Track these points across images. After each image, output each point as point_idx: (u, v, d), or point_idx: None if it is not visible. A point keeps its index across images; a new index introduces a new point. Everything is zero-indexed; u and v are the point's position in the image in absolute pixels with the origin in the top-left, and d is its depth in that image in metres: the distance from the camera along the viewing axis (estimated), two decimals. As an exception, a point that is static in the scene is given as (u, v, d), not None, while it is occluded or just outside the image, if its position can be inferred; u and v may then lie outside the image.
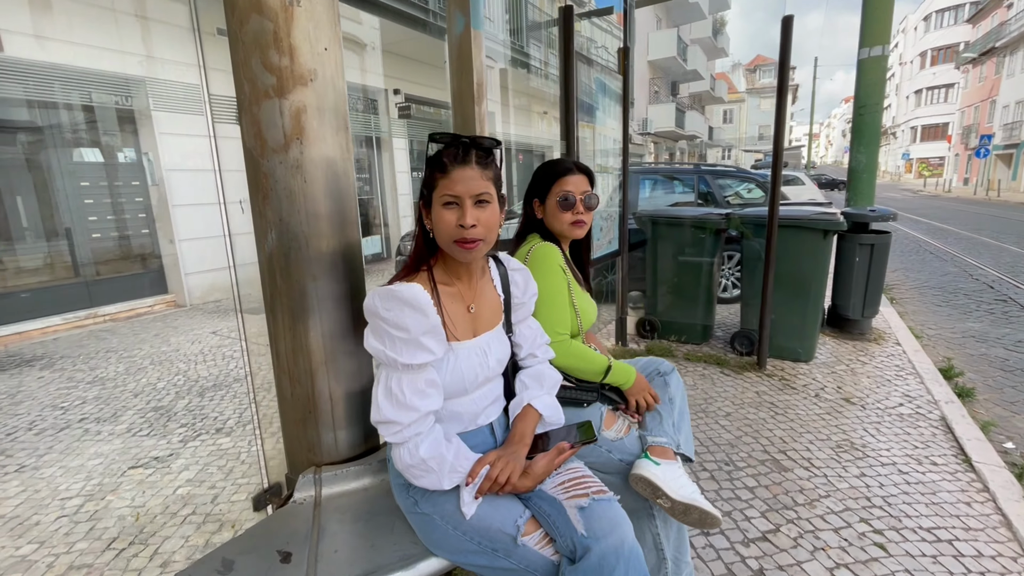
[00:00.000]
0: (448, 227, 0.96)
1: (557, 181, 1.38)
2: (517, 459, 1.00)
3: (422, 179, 1.00)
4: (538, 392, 1.15)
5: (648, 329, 3.90)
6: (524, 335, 1.18)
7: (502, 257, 1.17)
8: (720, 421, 2.58)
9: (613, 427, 1.37)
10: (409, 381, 0.94)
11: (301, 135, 1.06)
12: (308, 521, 1.12)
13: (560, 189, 1.37)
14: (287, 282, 1.13)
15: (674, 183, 6.03)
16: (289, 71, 1.03)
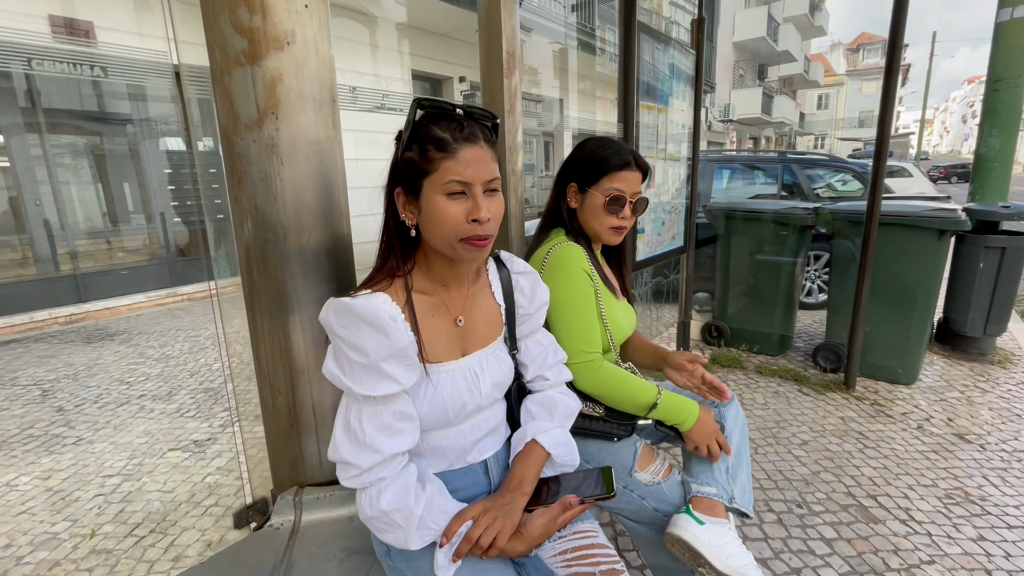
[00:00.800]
0: (454, 222, 0.75)
1: (609, 174, 1.13)
2: (509, 513, 0.80)
3: (399, 158, 0.79)
4: (546, 424, 0.93)
5: (715, 335, 3.52)
6: (531, 352, 0.96)
7: (504, 257, 0.96)
8: (794, 450, 2.21)
9: (649, 467, 1.12)
10: (371, 415, 0.75)
11: (276, 108, 0.91)
12: (279, 552, 0.98)
13: (611, 185, 1.13)
14: (264, 279, 0.98)
15: (755, 173, 5.46)
16: (262, 32, 0.88)
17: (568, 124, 10.59)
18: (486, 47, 1.39)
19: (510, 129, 1.41)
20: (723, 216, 3.44)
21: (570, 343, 1.06)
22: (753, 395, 2.79)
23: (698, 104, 3.08)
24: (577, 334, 1.07)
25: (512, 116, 1.41)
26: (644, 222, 2.65)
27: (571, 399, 0.99)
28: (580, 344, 1.06)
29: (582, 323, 1.07)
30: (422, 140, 0.76)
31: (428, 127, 0.77)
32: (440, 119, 0.77)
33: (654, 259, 2.81)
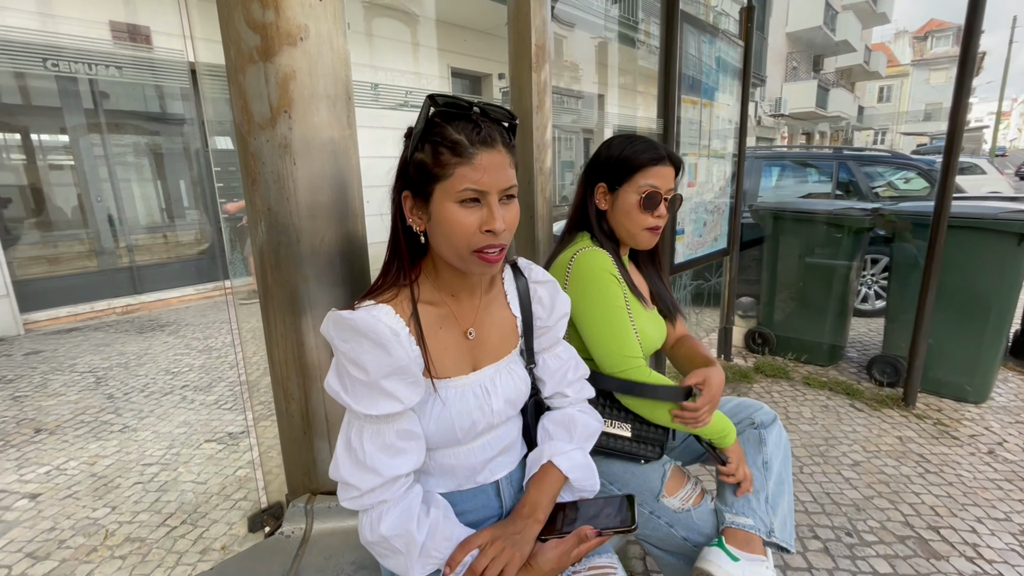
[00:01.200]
0: (467, 232, 0.69)
1: (643, 170, 1.05)
2: (519, 544, 0.73)
3: (408, 159, 0.74)
4: (565, 445, 0.86)
5: (759, 343, 3.33)
6: (550, 367, 0.89)
7: (522, 264, 0.89)
8: (844, 471, 2.05)
9: (679, 493, 1.04)
10: (373, 434, 0.70)
11: (289, 107, 0.88)
12: (287, 563, 0.96)
13: (646, 182, 1.05)
14: (278, 282, 0.96)
15: (807, 171, 5.15)
16: (275, 28, 0.85)
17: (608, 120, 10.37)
18: (515, 40, 1.32)
19: (538, 126, 1.34)
20: (771, 217, 3.25)
21: (609, 352, 0.98)
22: (800, 408, 2.61)
23: (745, 98, 2.91)
24: (616, 340, 0.99)
25: (541, 112, 1.34)
26: (684, 223, 2.52)
27: (592, 418, 0.92)
28: (621, 350, 0.98)
29: (619, 328, 0.99)
30: (435, 141, 0.69)
31: (442, 127, 0.70)
32: (455, 118, 0.70)
33: (694, 262, 2.67)
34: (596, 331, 1.00)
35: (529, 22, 1.28)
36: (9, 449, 2.27)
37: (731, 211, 2.96)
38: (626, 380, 1.01)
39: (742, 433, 1.11)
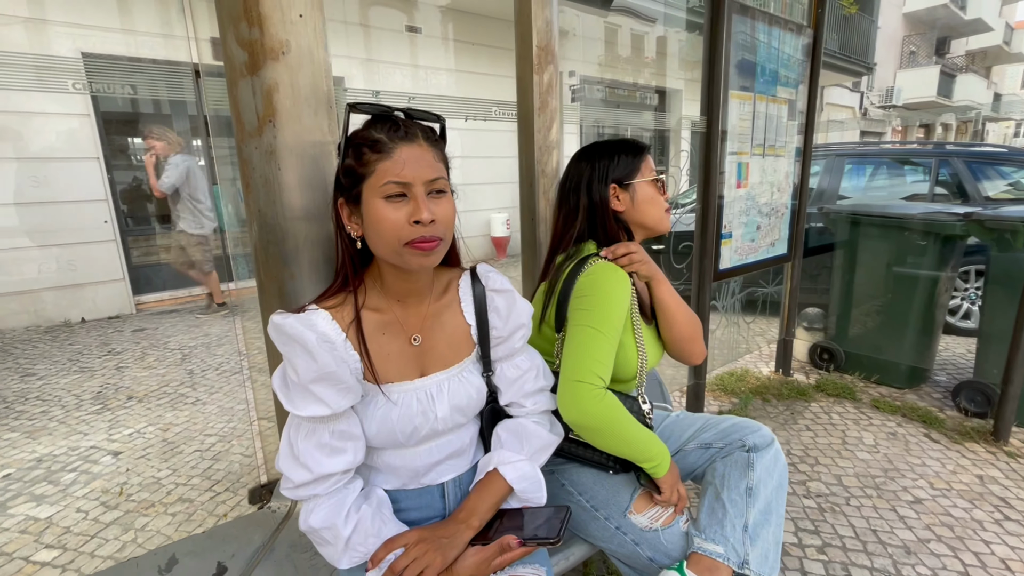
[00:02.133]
0: (394, 226, 0.72)
1: (645, 158, 1.10)
2: (445, 548, 0.75)
3: (339, 167, 0.78)
4: (513, 455, 0.86)
5: (825, 358, 3.04)
6: (507, 377, 0.89)
7: (481, 271, 0.89)
8: (900, 508, 1.83)
9: (649, 511, 0.99)
10: (308, 432, 0.75)
11: (273, 116, 0.95)
12: (267, 534, 1.04)
13: (649, 168, 1.10)
14: (268, 277, 1.05)
15: (905, 169, 4.60)
16: (260, 44, 0.92)
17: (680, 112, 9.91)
18: (518, 42, 1.32)
19: (540, 128, 1.33)
20: (846, 221, 2.95)
21: (582, 358, 0.93)
22: (861, 433, 2.36)
23: (813, 91, 2.66)
24: (594, 353, 0.94)
25: (544, 114, 1.33)
26: (731, 226, 2.37)
27: (547, 430, 0.90)
28: (592, 366, 0.93)
29: (604, 344, 0.94)
30: (358, 144, 0.73)
31: (365, 130, 0.74)
32: (376, 121, 0.74)
33: (744, 268, 2.50)
34: (583, 335, 0.95)
35: (531, 24, 1.27)
36: (106, 412, 2.65)
37: (793, 214, 2.73)
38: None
39: (729, 456, 1.04)
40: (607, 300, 0.98)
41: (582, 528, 1.03)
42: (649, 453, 0.96)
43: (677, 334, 1.11)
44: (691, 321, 1.12)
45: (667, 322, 1.11)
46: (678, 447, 1.13)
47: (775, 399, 2.72)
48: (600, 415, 0.96)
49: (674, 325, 1.11)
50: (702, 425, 1.14)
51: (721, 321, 2.56)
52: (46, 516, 1.82)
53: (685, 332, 1.12)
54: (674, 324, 1.10)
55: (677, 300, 1.11)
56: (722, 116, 2.12)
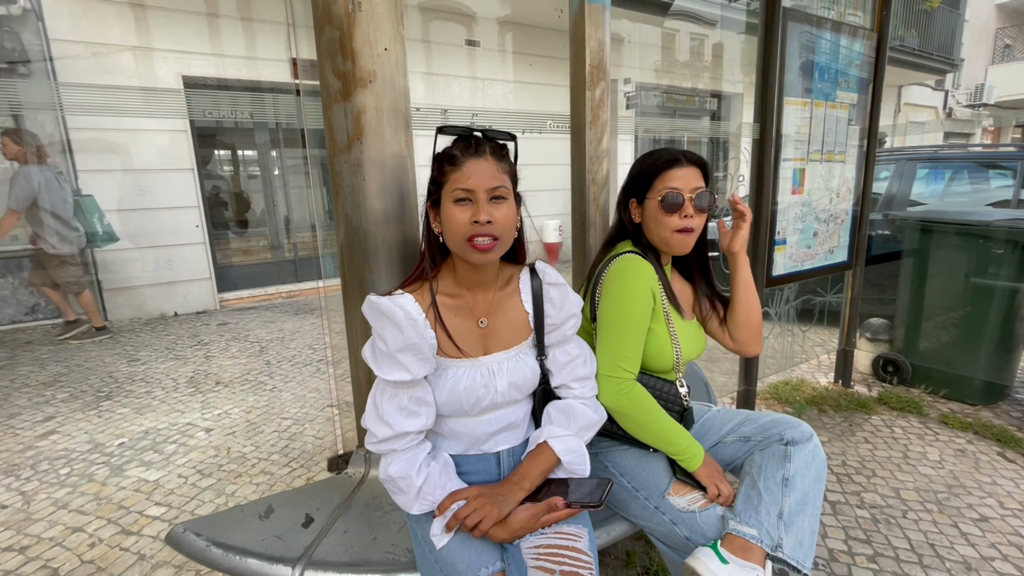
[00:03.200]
0: (460, 225, 0.87)
1: (660, 175, 1.12)
2: (500, 503, 0.87)
3: (429, 177, 0.93)
4: (561, 431, 0.97)
5: (890, 371, 2.92)
6: (558, 361, 1.00)
7: (539, 268, 1.01)
8: (963, 524, 1.77)
9: (686, 495, 1.07)
10: (391, 395, 0.89)
11: (361, 135, 1.11)
12: (345, 495, 1.20)
13: (663, 185, 1.11)
14: (351, 272, 1.21)
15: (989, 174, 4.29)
16: (352, 75, 1.09)
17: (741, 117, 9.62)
18: (572, 60, 1.44)
19: (591, 139, 1.44)
20: (916, 229, 2.83)
21: (604, 354, 1.07)
22: (925, 448, 2.27)
23: (877, 96, 2.60)
24: (615, 347, 1.06)
25: (595, 126, 1.44)
26: (785, 232, 2.36)
27: (592, 411, 1.01)
28: (615, 358, 1.05)
29: (624, 337, 1.06)
30: (440, 159, 0.88)
31: (447, 148, 0.89)
32: (458, 141, 0.88)
33: (800, 275, 2.47)
34: (603, 332, 1.08)
35: (584, 45, 1.38)
36: (199, 394, 2.97)
37: (854, 220, 2.66)
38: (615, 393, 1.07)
39: (767, 448, 1.10)
40: (625, 295, 1.06)
41: (623, 507, 1.11)
42: (678, 446, 1.04)
43: (750, 317, 1.20)
44: (759, 306, 1.22)
45: (745, 300, 1.19)
46: (718, 439, 1.19)
47: (832, 410, 2.66)
48: (626, 406, 1.06)
49: (753, 305, 1.19)
50: (742, 420, 1.20)
51: (774, 329, 2.54)
52: (154, 479, 2.10)
53: (755, 316, 1.20)
54: (753, 304, 1.19)
55: (753, 283, 1.21)
56: (776, 122, 2.14)
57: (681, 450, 1.05)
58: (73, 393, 3.03)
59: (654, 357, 1.11)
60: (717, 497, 1.05)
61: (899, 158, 3.98)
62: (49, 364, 3.57)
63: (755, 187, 2.20)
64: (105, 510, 1.91)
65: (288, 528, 1.08)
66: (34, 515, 1.89)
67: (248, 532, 1.07)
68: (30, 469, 2.20)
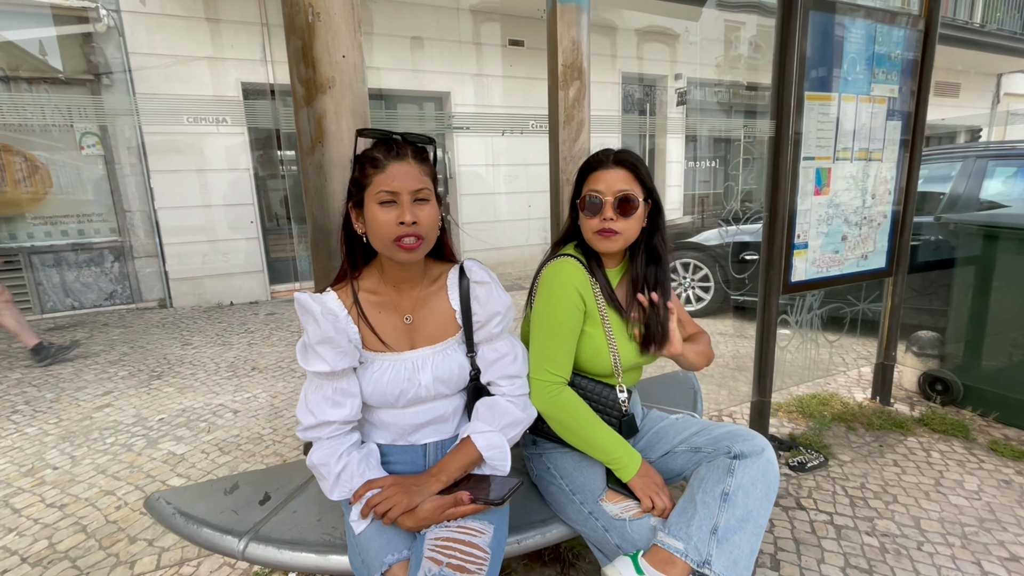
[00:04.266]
0: (386, 227, 0.90)
1: (587, 177, 1.12)
2: (413, 493, 0.89)
3: (350, 178, 0.96)
4: (484, 427, 0.98)
5: (939, 390, 2.66)
6: (486, 358, 1.02)
7: (467, 266, 1.03)
8: (988, 562, 1.60)
9: (619, 502, 1.05)
10: (317, 386, 0.94)
11: (322, 138, 1.17)
12: (306, 477, 1.28)
13: (587, 188, 1.10)
14: (319, 270, 1.28)
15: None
16: (313, 81, 1.15)
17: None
18: (549, 59, 1.43)
19: (565, 140, 1.43)
20: (976, 234, 2.56)
21: (533, 357, 1.07)
22: (963, 476, 2.06)
23: (924, 87, 2.37)
24: (543, 350, 1.07)
25: (568, 127, 1.43)
26: (807, 235, 2.21)
27: (519, 409, 1.01)
28: (542, 361, 1.06)
29: (551, 340, 1.06)
30: (362, 161, 0.92)
31: (369, 151, 0.93)
32: (379, 143, 0.92)
33: (825, 281, 2.31)
34: (533, 336, 1.08)
35: (557, 44, 1.37)
36: (234, 378, 3.21)
37: (895, 223, 2.45)
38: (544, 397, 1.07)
39: (713, 460, 1.05)
40: (550, 298, 1.06)
41: (560, 509, 1.11)
42: (609, 454, 1.02)
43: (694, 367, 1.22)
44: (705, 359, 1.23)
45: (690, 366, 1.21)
46: (669, 448, 1.15)
47: (863, 428, 2.46)
48: (554, 409, 1.06)
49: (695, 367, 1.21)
50: (698, 430, 1.15)
51: (795, 338, 2.39)
52: (181, 453, 2.31)
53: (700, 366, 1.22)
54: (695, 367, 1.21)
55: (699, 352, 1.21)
56: (793, 120, 2.01)
57: (613, 459, 1.04)
58: (131, 371, 3.37)
59: (590, 360, 1.10)
60: (651, 509, 1.02)
61: (966, 155, 3.60)
62: (118, 344, 3.99)
63: (769, 187, 2.08)
64: (135, 477, 2.12)
65: (246, 504, 1.17)
66: (77, 477, 2.13)
67: (211, 505, 1.16)
68: (83, 437, 2.48)
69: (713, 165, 8.62)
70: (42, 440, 2.46)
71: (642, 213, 1.09)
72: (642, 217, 1.10)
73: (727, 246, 4.13)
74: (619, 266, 1.18)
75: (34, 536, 1.76)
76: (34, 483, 2.09)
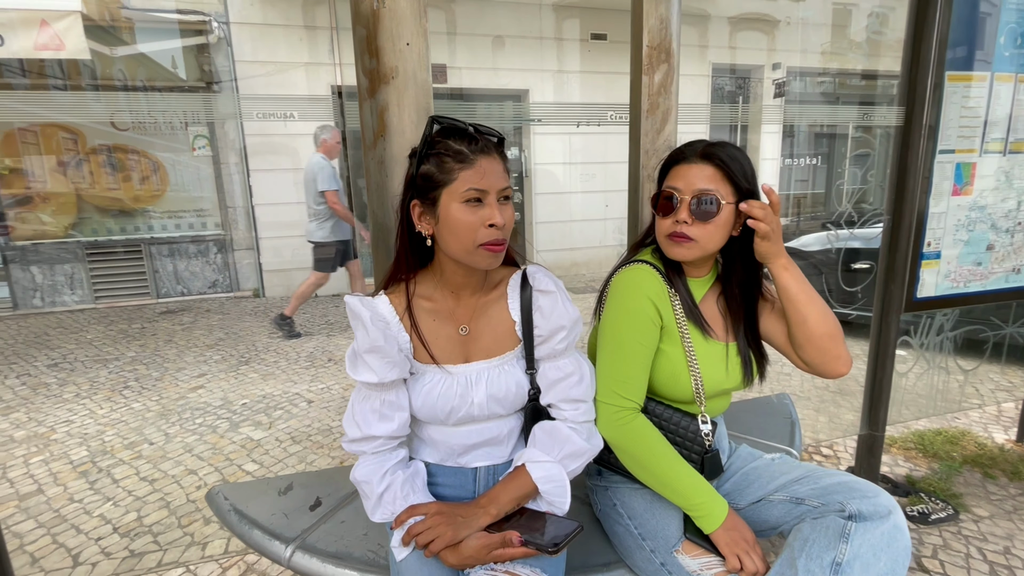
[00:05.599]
0: (471, 227, 0.79)
1: (668, 172, 0.96)
2: (459, 526, 0.80)
3: (415, 173, 0.86)
4: (542, 456, 0.87)
5: (1111, 435, 2.16)
6: (548, 377, 0.90)
7: (530, 272, 0.91)
8: None
9: (701, 557, 0.89)
10: (364, 396, 0.87)
11: (384, 132, 1.11)
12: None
13: (667, 183, 0.95)
14: (378, 270, 1.23)
15: None
16: (376, 72, 1.09)
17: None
18: (632, 40, 1.28)
19: (647, 131, 1.27)
20: None
21: (601, 377, 0.93)
22: None
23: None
24: (611, 369, 0.92)
25: (652, 116, 1.26)
26: (940, 244, 1.85)
27: (583, 438, 0.88)
28: (611, 383, 0.91)
29: (621, 359, 0.92)
30: (439, 153, 0.81)
31: (444, 142, 0.82)
32: (453, 135, 0.81)
33: (963, 299, 1.94)
34: (600, 353, 0.94)
35: (641, 23, 1.22)
36: (312, 368, 3.35)
37: (1060, 231, 2.00)
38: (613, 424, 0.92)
39: (821, 518, 0.85)
40: (620, 309, 0.92)
41: (627, 555, 0.96)
42: (689, 499, 0.86)
43: (811, 332, 0.92)
44: (827, 317, 0.93)
45: (798, 314, 0.93)
46: (762, 495, 0.97)
47: (1005, 477, 2.05)
48: (623, 439, 0.91)
49: (812, 318, 0.92)
50: (801, 475, 0.96)
51: (917, 363, 2.02)
52: (257, 439, 2.41)
53: (819, 330, 0.92)
54: (812, 317, 0.92)
55: (809, 291, 0.93)
56: (929, 105, 1.69)
57: (693, 505, 0.87)
58: (224, 356, 3.63)
59: (666, 384, 0.94)
60: (739, 571, 0.85)
61: None
62: (215, 330, 4.33)
63: (894, 185, 1.77)
64: (215, 459, 2.24)
65: (297, 508, 1.14)
66: (168, 454, 2.29)
67: (264, 504, 1.15)
68: (177, 415, 2.68)
69: (814, 162, 7.85)
70: (144, 416, 2.69)
71: (727, 219, 0.91)
72: (728, 224, 0.92)
73: (834, 253, 3.68)
74: (707, 276, 1.01)
75: (126, 508, 1.90)
76: (132, 456, 2.28)
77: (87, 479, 2.10)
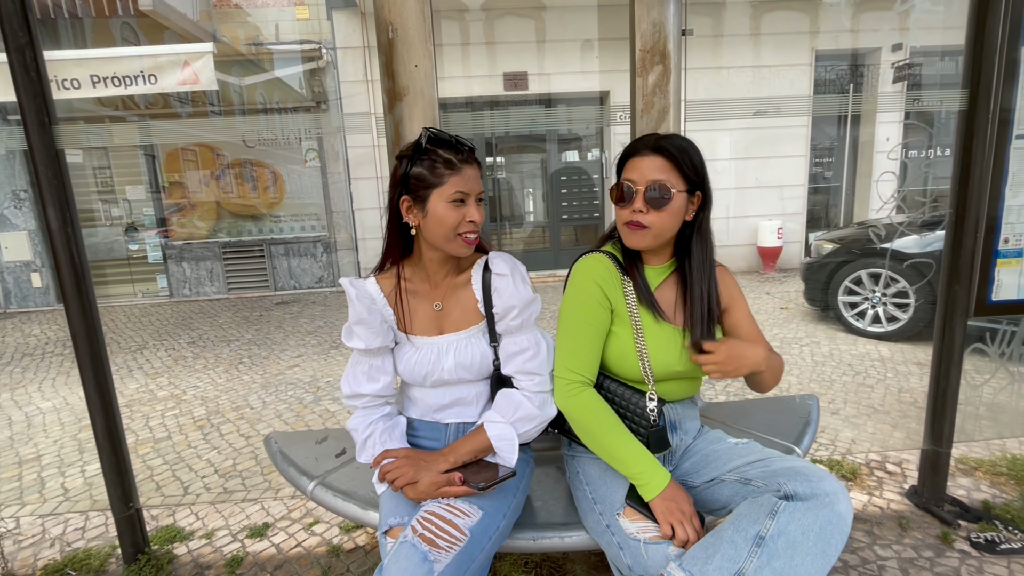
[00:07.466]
0: (456, 222, 0.96)
1: (624, 164, 1.04)
2: (420, 467, 0.96)
3: (406, 173, 1.01)
4: (498, 417, 1.00)
5: None
6: (506, 350, 1.03)
7: (491, 258, 1.05)
8: None
9: (638, 520, 0.97)
10: (356, 361, 1.07)
11: (400, 142, 1.31)
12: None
13: (623, 175, 1.03)
14: (398, 258, 1.43)
15: None
16: (393, 91, 1.29)
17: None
18: (630, 44, 1.35)
19: (644, 129, 1.33)
20: None
21: (556, 354, 1.04)
22: None
23: None
24: (564, 347, 1.03)
25: (647, 116, 1.33)
26: (1020, 241, 1.64)
27: (535, 406, 1.00)
28: (564, 359, 1.02)
29: (572, 338, 1.02)
30: (432, 159, 0.97)
31: (435, 150, 0.97)
32: (443, 144, 0.98)
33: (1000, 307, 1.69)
34: (558, 331, 1.04)
35: (635, 27, 1.29)
36: (388, 354, 3.72)
37: None
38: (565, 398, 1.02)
39: (759, 496, 0.89)
40: (573, 295, 1.01)
41: (584, 516, 1.05)
42: (631, 467, 0.93)
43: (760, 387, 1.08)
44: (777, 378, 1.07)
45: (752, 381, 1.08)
46: (716, 475, 1.00)
47: (1119, 515, 1.74)
48: (573, 410, 1.01)
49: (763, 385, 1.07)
50: (757, 459, 0.97)
51: (995, 375, 1.78)
52: (333, 411, 2.78)
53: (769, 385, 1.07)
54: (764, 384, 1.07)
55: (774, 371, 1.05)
56: (998, 85, 1.52)
57: (634, 473, 0.95)
58: (319, 341, 4.15)
59: (616, 362, 1.02)
60: (670, 537, 0.91)
61: None
62: (316, 319, 4.93)
63: (958, 178, 1.62)
64: (297, 424, 2.63)
65: (326, 454, 1.38)
66: (263, 418, 2.73)
67: (303, 450, 1.40)
68: (275, 388, 3.16)
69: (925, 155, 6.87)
70: (250, 386, 3.20)
71: (680, 207, 0.97)
72: (681, 210, 0.98)
73: (931, 255, 3.28)
74: (665, 264, 1.07)
75: (226, 456, 2.33)
76: (237, 417, 2.75)
77: (202, 432, 2.58)
